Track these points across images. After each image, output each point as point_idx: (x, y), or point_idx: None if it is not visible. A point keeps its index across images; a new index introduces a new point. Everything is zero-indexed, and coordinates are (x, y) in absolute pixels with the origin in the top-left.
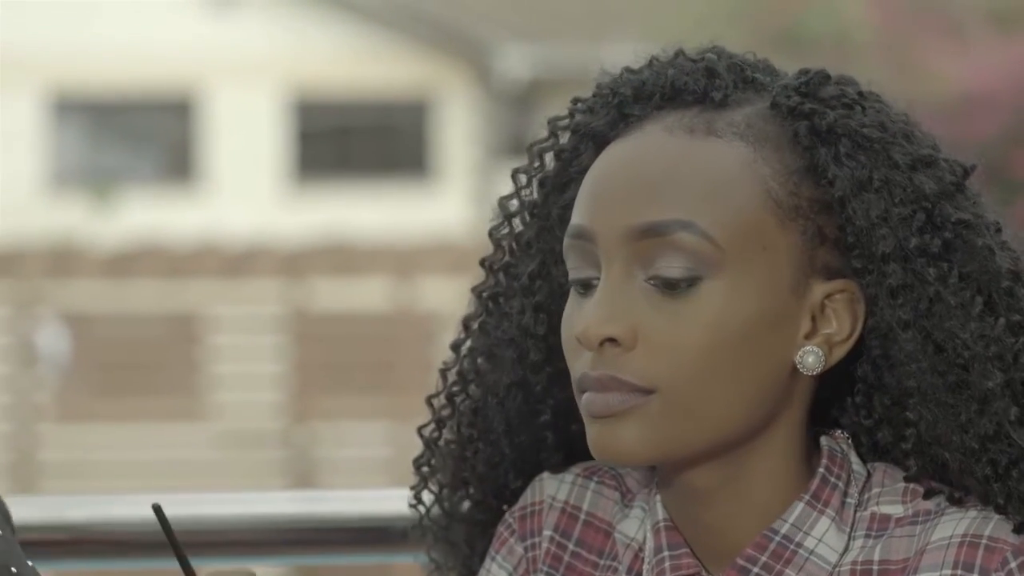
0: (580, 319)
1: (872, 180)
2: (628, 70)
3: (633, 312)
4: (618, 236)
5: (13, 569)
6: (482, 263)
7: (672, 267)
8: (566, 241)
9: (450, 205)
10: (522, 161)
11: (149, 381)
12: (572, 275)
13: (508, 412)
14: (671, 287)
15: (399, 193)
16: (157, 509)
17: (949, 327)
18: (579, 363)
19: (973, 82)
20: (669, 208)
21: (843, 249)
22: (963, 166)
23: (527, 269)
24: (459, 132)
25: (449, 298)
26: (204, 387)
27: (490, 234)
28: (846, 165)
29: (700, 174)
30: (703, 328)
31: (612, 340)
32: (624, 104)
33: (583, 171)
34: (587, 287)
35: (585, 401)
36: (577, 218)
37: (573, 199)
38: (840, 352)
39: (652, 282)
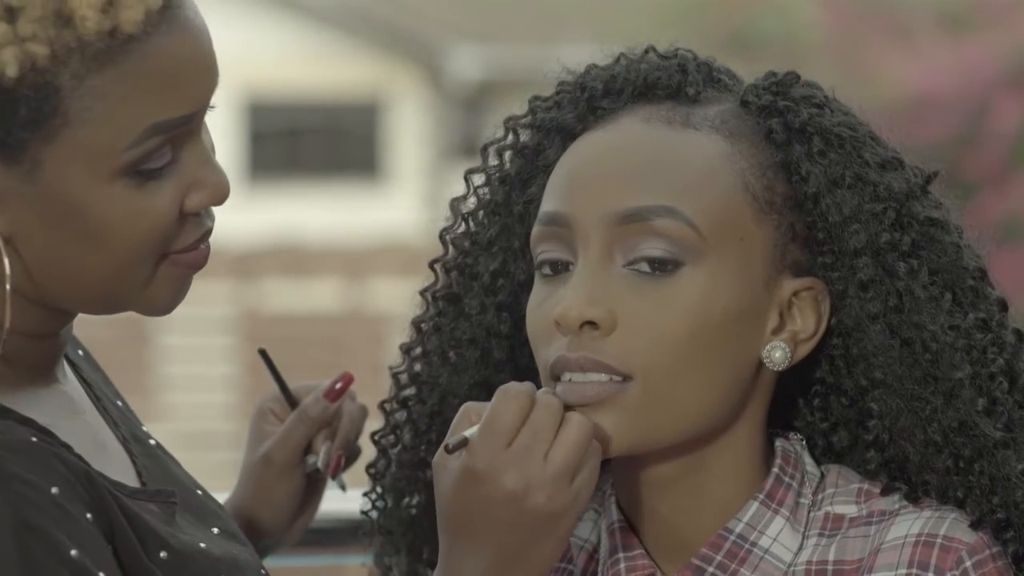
0: (557, 302)
1: (845, 177)
2: (595, 67)
3: (613, 296)
4: (598, 221)
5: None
6: (432, 264)
7: (654, 253)
8: (537, 229)
9: (401, 206)
10: (475, 162)
11: None
12: (542, 257)
13: None
14: (652, 272)
15: (350, 194)
16: (263, 353)
17: (919, 320)
18: (552, 348)
19: (923, 84)
20: (652, 194)
21: (812, 246)
22: (926, 172)
23: (489, 268)
24: (410, 133)
25: (400, 300)
26: (155, 388)
27: (441, 235)
28: (819, 162)
29: (682, 163)
30: (682, 314)
31: (591, 324)
32: (594, 98)
33: (549, 165)
34: (556, 271)
35: (559, 391)
36: (552, 205)
37: (535, 195)
38: (804, 350)
39: (632, 267)
